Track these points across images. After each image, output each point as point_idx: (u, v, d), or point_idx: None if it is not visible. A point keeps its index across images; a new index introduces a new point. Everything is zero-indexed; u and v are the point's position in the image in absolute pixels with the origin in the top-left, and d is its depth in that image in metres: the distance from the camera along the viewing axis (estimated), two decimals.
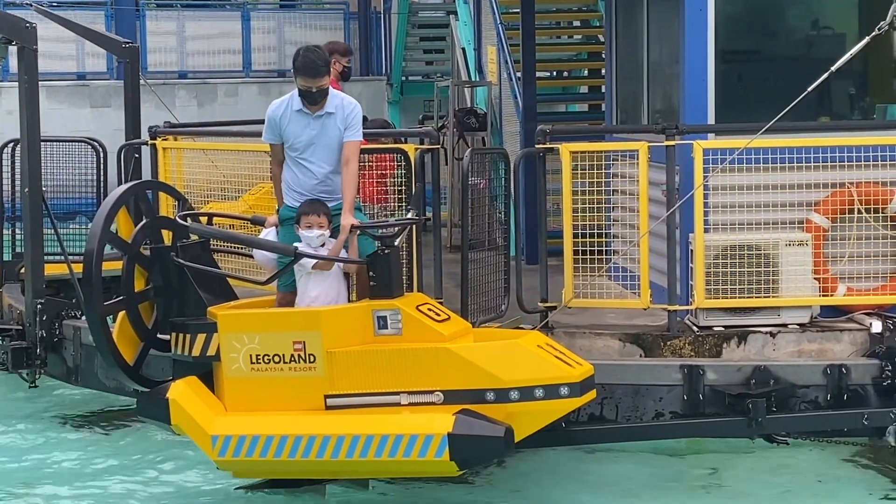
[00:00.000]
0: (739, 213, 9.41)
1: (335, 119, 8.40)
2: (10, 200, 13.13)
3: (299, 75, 8.34)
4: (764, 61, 10.51)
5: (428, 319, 8.00)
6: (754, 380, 8.80)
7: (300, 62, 8.33)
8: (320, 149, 8.36)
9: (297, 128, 8.37)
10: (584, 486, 9.15)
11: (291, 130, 8.38)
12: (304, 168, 8.37)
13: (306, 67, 8.31)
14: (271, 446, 7.92)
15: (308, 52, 8.39)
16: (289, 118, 8.39)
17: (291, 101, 8.42)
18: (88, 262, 8.25)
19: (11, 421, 11.46)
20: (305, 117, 8.37)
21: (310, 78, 8.31)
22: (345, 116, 8.42)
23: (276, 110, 8.47)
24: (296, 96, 8.41)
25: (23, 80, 10.58)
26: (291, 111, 8.40)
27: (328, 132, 8.38)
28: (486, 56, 16.81)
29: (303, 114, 8.37)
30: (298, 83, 8.35)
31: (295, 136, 8.37)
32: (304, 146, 8.35)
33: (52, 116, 19.85)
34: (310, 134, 8.34)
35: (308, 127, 8.36)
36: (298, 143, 8.36)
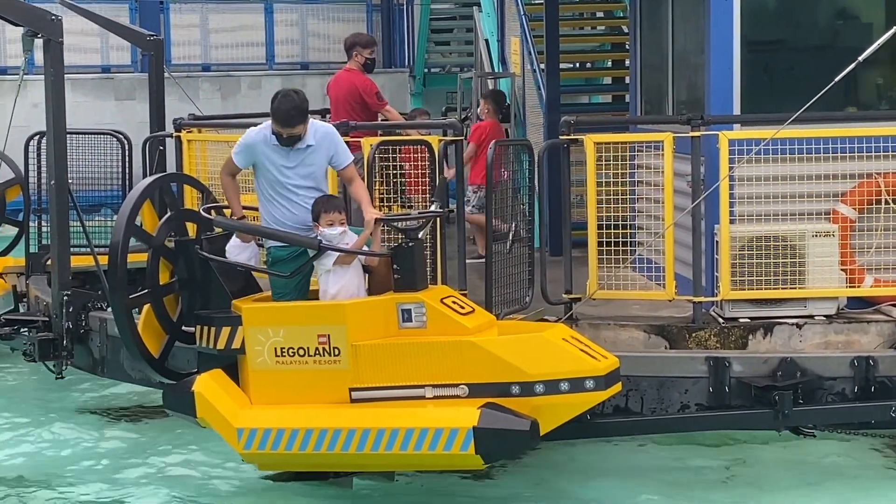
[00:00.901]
0: (765, 203, 9.36)
1: (316, 151, 8.28)
2: (37, 193, 13.17)
3: (273, 120, 8.19)
4: (790, 51, 10.44)
5: (452, 312, 7.99)
6: (781, 372, 8.76)
7: (275, 108, 8.16)
8: (304, 180, 8.26)
9: (277, 159, 8.23)
10: (607, 477, 9.14)
11: (269, 162, 8.23)
12: (295, 204, 8.24)
13: (278, 115, 8.16)
14: (297, 439, 7.92)
15: (284, 100, 8.16)
16: (267, 149, 8.23)
17: (267, 134, 8.25)
18: (114, 254, 8.27)
19: (38, 411, 11.52)
20: (282, 151, 8.24)
21: (281, 126, 8.18)
22: (327, 146, 8.33)
23: (254, 137, 8.28)
24: (269, 128, 8.26)
25: (48, 72, 10.60)
26: (268, 144, 8.25)
27: (309, 163, 8.28)
28: (509, 47, 16.77)
29: (278, 147, 8.24)
30: (277, 128, 8.18)
31: (274, 168, 8.22)
32: (287, 180, 8.21)
33: (78, 109, 19.96)
34: (289, 168, 8.22)
35: (287, 159, 8.24)
36: (279, 175, 8.21)
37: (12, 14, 10.80)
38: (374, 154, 9.37)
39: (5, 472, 9.79)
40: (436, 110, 20.78)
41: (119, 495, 9.16)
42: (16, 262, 13.90)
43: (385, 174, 9.56)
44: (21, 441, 10.64)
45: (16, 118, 11.79)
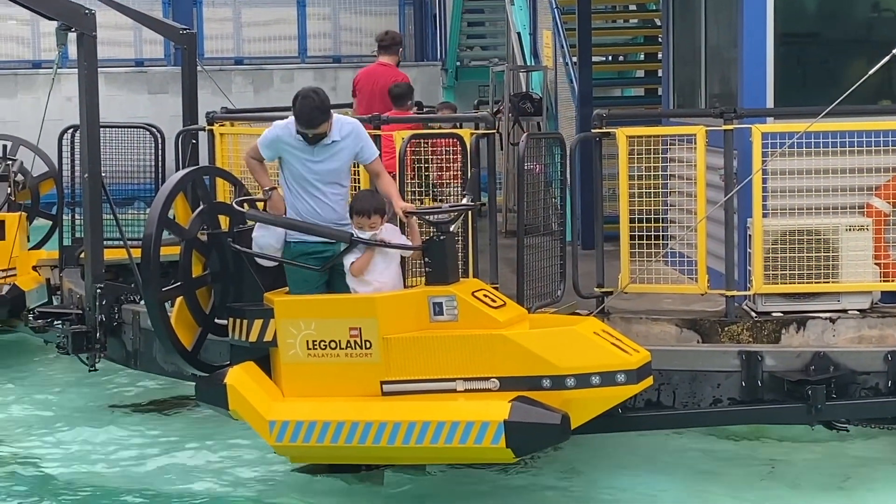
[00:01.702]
0: (799, 197, 9.31)
1: (342, 146, 8.28)
2: (70, 186, 13.25)
3: (297, 122, 8.18)
4: (823, 44, 10.38)
5: (484, 306, 7.98)
6: (814, 366, 8.71)
7: (296, 110, 8.15)
8: (329, 176, 8.26)
9: (302, 154, 8.23)
10: (638, 469, 9.13)
11: (294, 157, 8.23)
12: (318, 199, 8.24)
13: (300, 117, 8.15)
14: (328, 432, 7.94)
15: (304, 102, 8.12)
16: (293, 144, 8.23)
17: (293, 129, 8.23)
18: (147, 247, 8.31)
19: (71, 404, 11.60)
20: (308, 146, 8.23)
21: (304, 127, 8.18)
22: (353, 141, 8.33)
23: (280, 132, 8.26)
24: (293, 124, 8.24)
25: (82, 66, 10.65)
26: (292, 136, 8.24)
27: (335, 159, 8.28)
28: (541, 40, 16.74)
29: (304, 141, 8.23)
30: (301, 129, 8.18)
31: (299, 163, 8.22)
32: (313, 175, 8.21)
33: (111, 103, 20.06)
34: (315, 162, 8.22)
35: (312, 154, 8.24)
36: (304, 171, 8.21)
37: (46, 8, 10.87)
38: (406, 147, 9.37)
39: (38, 464, 9.86)
40: (468, 104, 20.77)
41: (150, 487, 9.21)
42: (49, 255, 14.00)
43: (416, 167, 9.56)
44: (53, 433, 10.71)
45: (49, 112, 11.86)
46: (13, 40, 25.39)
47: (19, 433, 10.75)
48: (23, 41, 25.37)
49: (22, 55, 25.42)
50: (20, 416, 11.27)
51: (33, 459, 10.04)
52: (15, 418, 11.22)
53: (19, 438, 10.60)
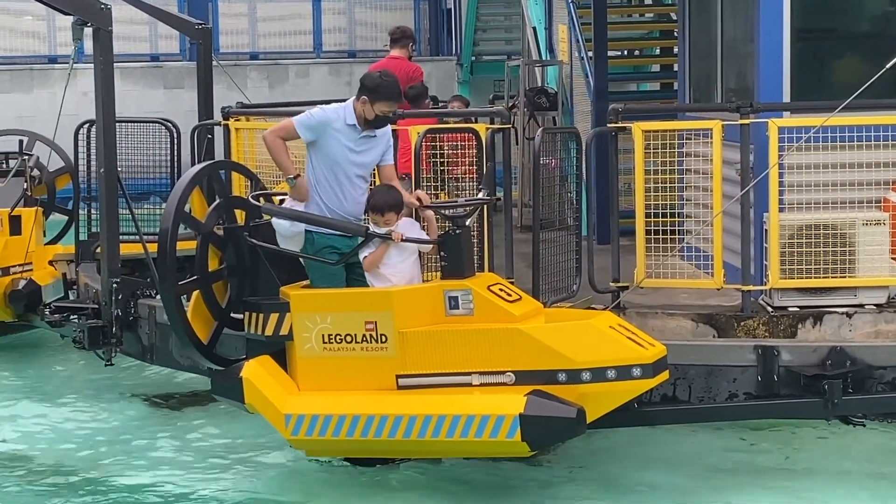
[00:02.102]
0: (815, 192, 9.29)
1: (377, 142, 8.35)
2: (86, 181, 13.28)
3: (383, 100, 8.18)
4: (840, 38, 10.35)
5: (499, 300, 7.99)
6: (830, 361, 8.69)
7: (386, 89, 8.16)
8: (361, 169, 8.30)
9: (346, 142, 8.24)
10: (655, 463, 9.12)
11: (338, 144, 8.23)
12: (347, 191, 8.24)
13: (392, 91, 8.21)
14: (344, 426, 7.95)
15: (388, 77, 8.24)
16: (340, 131, 8.23)
17: (346, 115, 8.26)
18: (163, 241, 8.33)
19: (87, 399, 11.63)
20: (354, 134, 8.27)
21: (394, 101, 8.24)
22: (387, 140, 8.41)
23: (332, 115, 8.25)
24: (349, 110, 8.26)
25: (98, 61, 10.67)
26: (344, 124, 8.26)
27: (370, 153, 8.34)
28: (556, 35, 16.71)
29: (353, 129, 8.26)
30: (378, 108, 8.18)
31: (341, 151, 8.23)
32: (349, 165, 8.22)
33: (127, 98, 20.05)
34: (355, 152, 8.25)
35: (356, 143, 8.27)
36: (342, 159, 8.22)
37: (62, 3, 10.89)
38: (421, 142, 9.37)
39: (53, 458, 9.90)
40: (483, 99, 20.75)
41: (163, 481, 9.23)
42: (65, 250, 14.04)
43: (431, 162, 9.56)
44: (69, 427, 10.75)
45: (65, 107, 11.88)
46: (29, 35, 25.46)
47: (35, 427, 10.79)
48: (39, 36, 25.44)
49: (38, 50, 25.49)
50: (35, 410, 11.30)
51: (43, 451, 10.07)
52: (30, 412, 11.25)
53: (34, 432, 10.63)
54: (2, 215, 13.10)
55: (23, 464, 9.83)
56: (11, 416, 11.14)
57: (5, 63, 24.98)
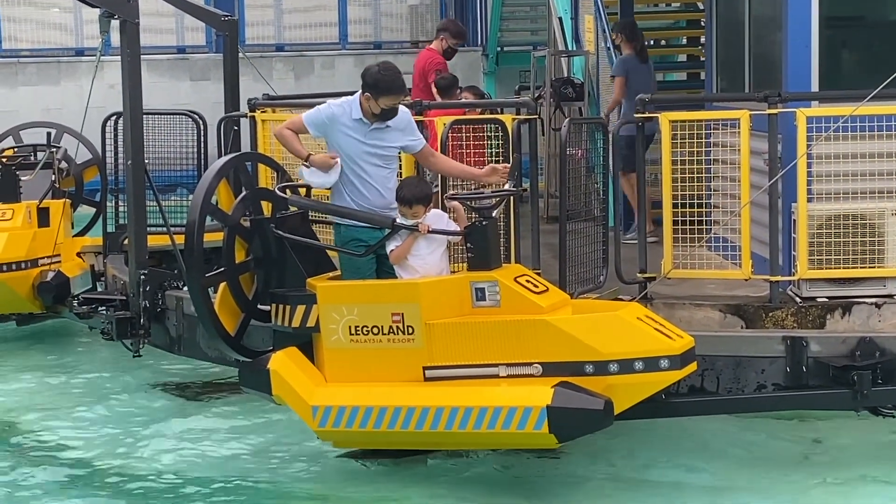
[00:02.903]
0: (844, 182, 9.23)
1: (392, 131, 8.32)
2: (114, 173, 13.32)
3: (384, 95, 8.15)
4: (869, 27, 10.28)
5: (526, 291, 7.97)
6: (859, 351, 8.64)
7: (386, 83, 8.12)
8: (378, 159, 8.28)
9: (356, 136, 8.23)
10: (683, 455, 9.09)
11: (347, 138, 8.21)
12: (367, 184, 8.24)
13: (393, 85, 8.17)
14: (371, 417, 7.96)
15: (388, 71, 8.18)
16: (348, 126, 8.23)
17: (352, 110, 8.24)
18: (190, 233, 8.34)
19: (115, 390, 11.68)
20: (363, 128, 8.25)
21: (397, 95, 8.21)
22: (405, 123, 8.37)
23: (338, 110, 8.23)
24: (356, 105, 8.25)
25: (125, 53, 10.69)
26: (351, 119, 8.25)
27: (385, 141, 8.32)
28: (583, 25, 16.64)
29: (361, 123, 8.25)
30: (382, 102, 8.16)
31: (351, 145, 8.22)
32: (364, 157, 8.21)
33: (153, 90, 20.12)
34: (367, 144, 8.25)
35: (365, 137, 8.26)
36: (354, 153, 8.21)
37: None
38: (448, 133, 9.36)
39: (81, 450, 9.93)
40: (509, 89, 20.70)
41: (187, 472, 9.26)
42: (93, 242, 14.08)
43: (458, 153, 9.55)
44: (97, 419, 10.79)
45: (93, 99, 11.91)
46: (56, 28, 25.52)
47: (63, 417, 10.83)
48: (66, 29, 25.50)
49: (65, 43, 25.55)
50: (64, 401, 11.36)
51: (73, 443, 10.11)
52: (59, 403, 11.30)
53: (62, 423, 10.68)
54: (30, 207, 13.15)
55: (45, 453, 9.88)
56: (37, 406, 11.20)
57: (32, 56, 25.07)
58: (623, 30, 12.66)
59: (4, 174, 13.41)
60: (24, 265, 12.97)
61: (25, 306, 13.26)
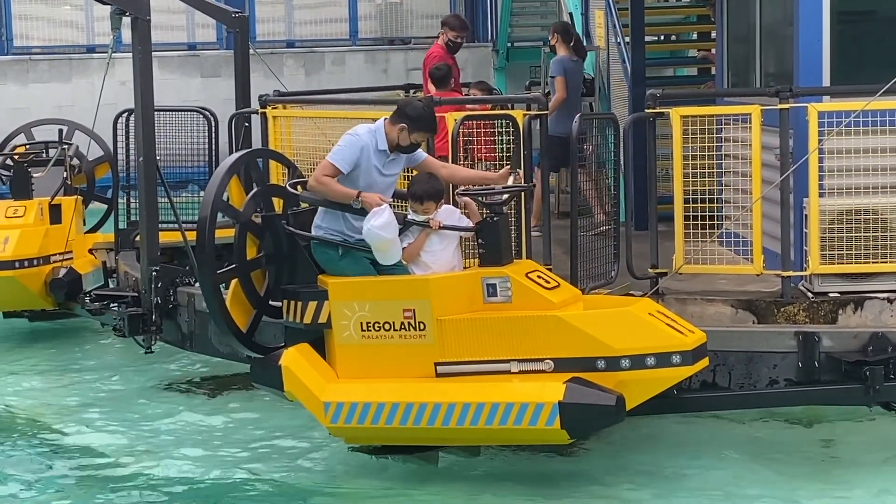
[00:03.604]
0: (856, 176, 9.21)
1: (399, 159, 8.36)
2: (125, 170, 13.34)
3: (421, 131, 8.21)
4: (881, 21, 10.24)
5: (537, 287, 7.97)
6: (872, 347, 8.62)
7: (428, 120, 8.19)
8: (388, 189, 8.32)
9: (377, 164, 8.25)
10: (694, 451, 9.09)
11: (372, 167, 8.22)
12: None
13: (433, 125, 8.28)
14: (383, 413, 7.97)
15: (432, 109, 8.27)
16: (371, 156, 8.22)
17: (378, 140, 8.23)
18: (202, 229, 8.35)
19: (127, 386, 11.70)
20: (383, 158, 8.28)
21: (430, 134, 8.34)
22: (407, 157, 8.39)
23: (366, 139, 8.19)
24: (381, 135, 8.23)
25: (136, 50, 10.71)
26: (376, 149, 8.24)
27: (394, 171, 8.38)
28: (593, 21, 16.63)
29: (384, 154, 8.27)
30: (415, 137, 8.21)
31: (374, 177, 8.22)
32: (378, 187, 8.21)
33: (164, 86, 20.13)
34: (383, 175, 8.28)
35: (384, 168, 8.30)
36: (374, 182, 8.21)
37: None
38: (459, 128, 9.35)
39: (92, 448, 9.95)
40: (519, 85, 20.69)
41: (199, 467, 9.27)
42: (105, 239, 14.12)
43: (467, 149, 9.55)
44: (108, 416, 10.81)
45: (104, 96, 11.94)
46: (68, 25, 25.57)
47: (74, 414, 10.86)
48: (77, 26, 25.54)
49: (76, 40, 25.59)
50: (75, 398, 11.39)
51: (85, 441, 10.13)
52: (70, 400, 11.33)
53: (74, 419, 10.71)
54: (42, 204, 13.18)
55: (57, 450, 9.90)
56: (48, 403, 11.23)
57: (44, 53, 25.12)
58: (558, 31, 12.78)
59: (16, 171, 13.44)
60: (37, 262, 13.00)
61: (38, 303, 13.29)
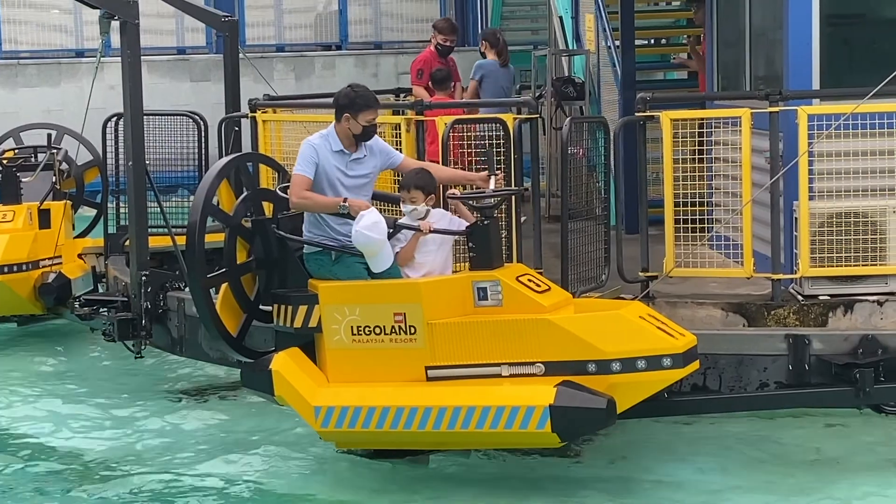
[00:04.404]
0: (845, 179, 9.22)
1: (369, 159, 8.34)
2: (115, 174, 13.31)
3: (364, 110, 8.20)
4: (870, 24, 10.27)
5: (528, 290, 7.97)
6: (861, 349, 8.63)
7: (363, 97, 8.21)
8: (357, 190, 8.28)
9: (339, 165, 8.24)
10: (687, 454, 9.08)
11: (331, 167, 8.22)
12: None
13: (371, 100, 8.24)
14: (373, 417, 7.95)
15: (361, 87, 8.30)
16: (328, 157, 8.22)
17: (331, 142, 8.24)
18: (191, 234, 8.34)
19: (118, 391, 11.67)
20: (344, 159, 8.27)
21: (375, 110, 8.27)
22: (378, 151, 8.39)
23: (316, 142, 8.22)
24: (333, 136, 8.26)
25: (125, 54, 10.69)
26: (331, 151, 8.25)
27: (362, 170, 8.34)
28: (583, 24, 16.64)
29: (342, 155, 8.27)
30: (362, 119, 8.20)
31: (338, 177, 8.22)
32: (343, 188, 8.21)
33: (154, 91, 20.12)
34: (348, 176, 8.26)
35: (348, 168, 8.28)
36: (336, 181, 8.21)
37: None
38: (449, 132, 9.35)
39: (82, 453, 9.93)
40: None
41: (190, 473, 9.26)
42: (94, 243, 14.08)
43: (459, 152, 9.55)
44: (98, 421, 10.78)
45: (93, 100, 11.91)
46: (56, 29, 25.50)
47: (64, 420, 10.83)
48: (66, 30, 25.47)
49: (65, 44, 25.52)
50: (65, 403, 11.35)
51: (74, 446, 10.11)
52: (59, 405, 11.30)
53: (63, 425, 10.68)
54: (31, 209, 13.15)
55: (46, 456, 9.88)
56: (38, 408, 11.20)
57: (33, 57, 25.05)
58: (487, 38, 12.99)
59: (5, 176, 13.41)
60: (26, 267, 12.98)
61: (27, 308, 13.26)
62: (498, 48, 12.92)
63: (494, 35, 13.10)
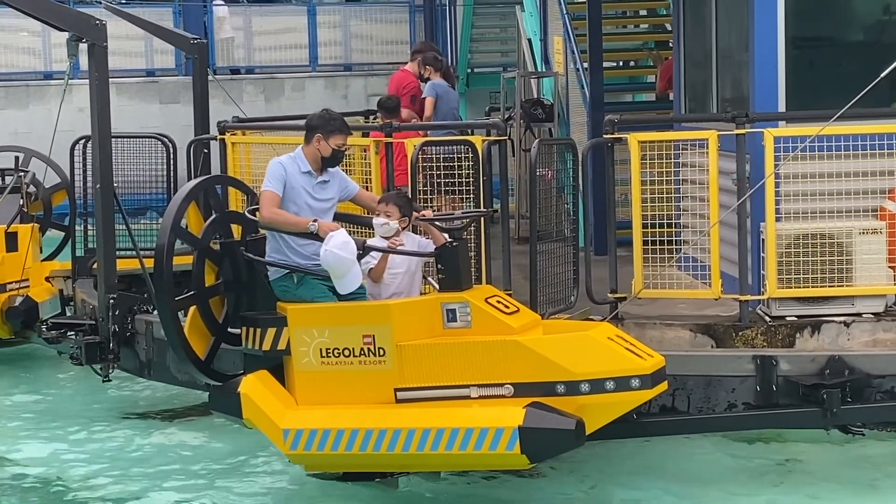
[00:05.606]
0: (812, 201, 9.29)
1: (331, 184, 8.37)
2: (83, 197, 13.26)
3: (336, 134, 8.26)
4: (835, 47, 10.36)
5: (497, 312, 7.97)
6: (829, 370, 8.67)
7: (335, 120, 8.29)
8: (323, 213, 8.28)
9: (307, 188, 8.26)
10: (656, 476, 9.10)
11: (300, 192, 8.23)
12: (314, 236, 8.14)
13: (343, 124, 8.32)
14: (342, 440, 7.93)
15: (331, 112, 8.38)
16: (297, 177, 8.24)
17: (299, 164, 8.27)
18: (159, 256, 8.31)
19: (85, 414, 11.61)
20: (311, 180, 8.29)
21: (346, 132, 8.34)
22: (338, 178, 8.42)
23: (285, 162, 8.26)
24: (301, 158, 8.29)
25: (93, 77, 10.66)
26: (300, 172, 8.27)
27: (327, 195, 8.36)
28: (552, 47, 16.73)
29: (310, 176, 8.29)
30: (333, 143, 8.24)
31: (305, 199, 8.24)
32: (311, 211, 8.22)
33: (122, 113, 20.10)
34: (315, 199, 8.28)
35: (314, 191, 8.30)
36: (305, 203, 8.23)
37: (57, 19, 10.87)
38: (418, 154, 9.37)
39: (48, 477, 9.87)
40: (479, 110, 20.76)
41: (160, 498, 9.20)
42: (62, 266, 14.03)
43: (427, 174, 9.56)
44: (66, 444, 10.72)
45: (61, 123, 11.88)
46: (25, 52, 25.42)
47: (31, 443, 10.76)
48: (34, 52, 25.40)
49: (33, 66, 25.45)
50: (32, 427, 11.29)
51: (40, 470, 10.05)
52: (27, 428, 11.23)
53: (29, 448, 10.61)
54: None
55: (11, 479, 9.80)
56: (4, 431, 11.12)
57: (1, 79, 24.98)
58: (430, 63, 12.94)
59: None
60: None
61: None
62: (442, 71, 12.93)
63: (436, 59, 13.08)
